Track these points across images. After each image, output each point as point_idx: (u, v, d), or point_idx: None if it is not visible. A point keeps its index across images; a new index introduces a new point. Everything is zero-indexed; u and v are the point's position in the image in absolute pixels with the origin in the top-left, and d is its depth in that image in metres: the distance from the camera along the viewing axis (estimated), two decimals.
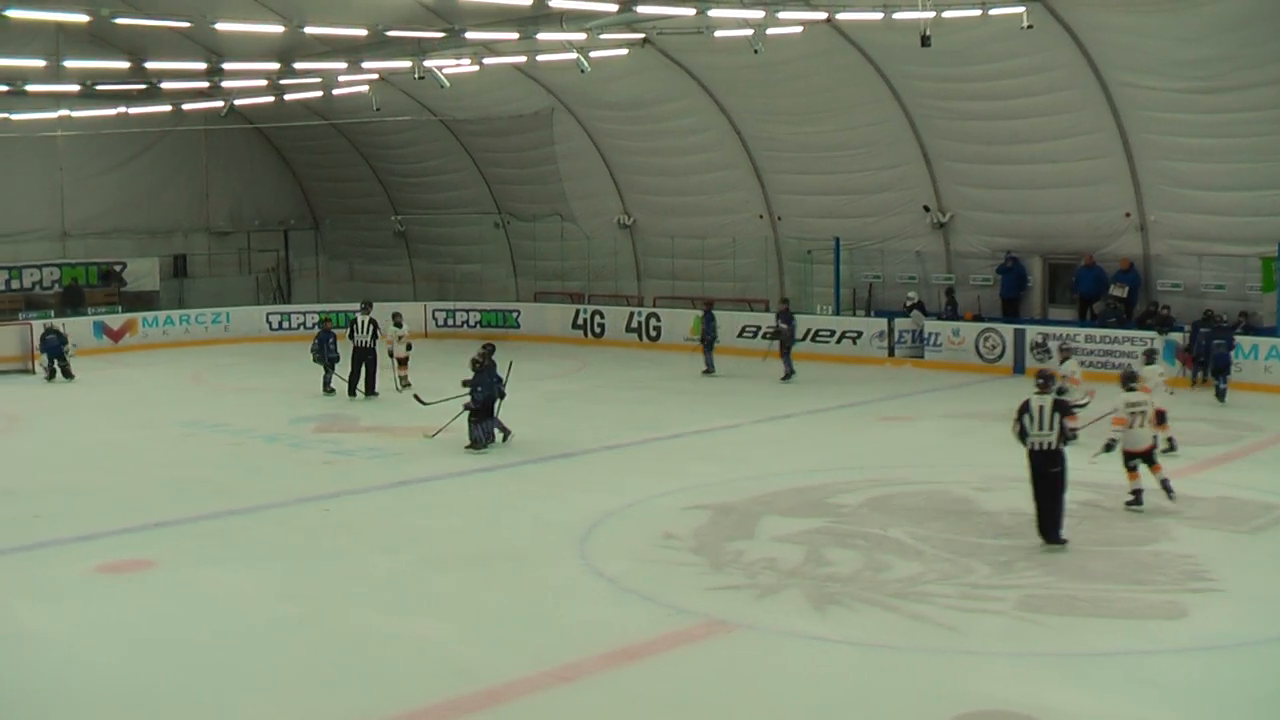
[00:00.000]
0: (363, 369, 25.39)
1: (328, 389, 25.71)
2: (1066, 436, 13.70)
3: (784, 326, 27.28)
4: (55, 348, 28.73)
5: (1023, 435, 13.77)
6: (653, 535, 14.59)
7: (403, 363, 26.09)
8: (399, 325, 26.24)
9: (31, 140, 34.74)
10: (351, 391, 25.39)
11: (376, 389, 25.43)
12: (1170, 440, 18.09)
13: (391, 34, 25.72)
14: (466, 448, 19.62)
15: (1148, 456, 15.46)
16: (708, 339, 28.27)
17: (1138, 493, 15.35)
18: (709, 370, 27.87)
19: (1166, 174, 26.17)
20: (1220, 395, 23.51)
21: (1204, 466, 18.05)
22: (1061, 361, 20.24)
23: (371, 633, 11.53)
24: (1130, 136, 26.07)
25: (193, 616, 12.08)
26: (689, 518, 15.30)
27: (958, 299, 29.75)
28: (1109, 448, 15.47)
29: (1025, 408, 13.77)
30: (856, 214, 30.97)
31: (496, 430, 20.15)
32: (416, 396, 22.54)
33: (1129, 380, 15.83)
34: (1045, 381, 14.05)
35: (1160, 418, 16.41)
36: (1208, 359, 24.30)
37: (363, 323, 25.49)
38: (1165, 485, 15.41)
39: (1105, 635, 11.13)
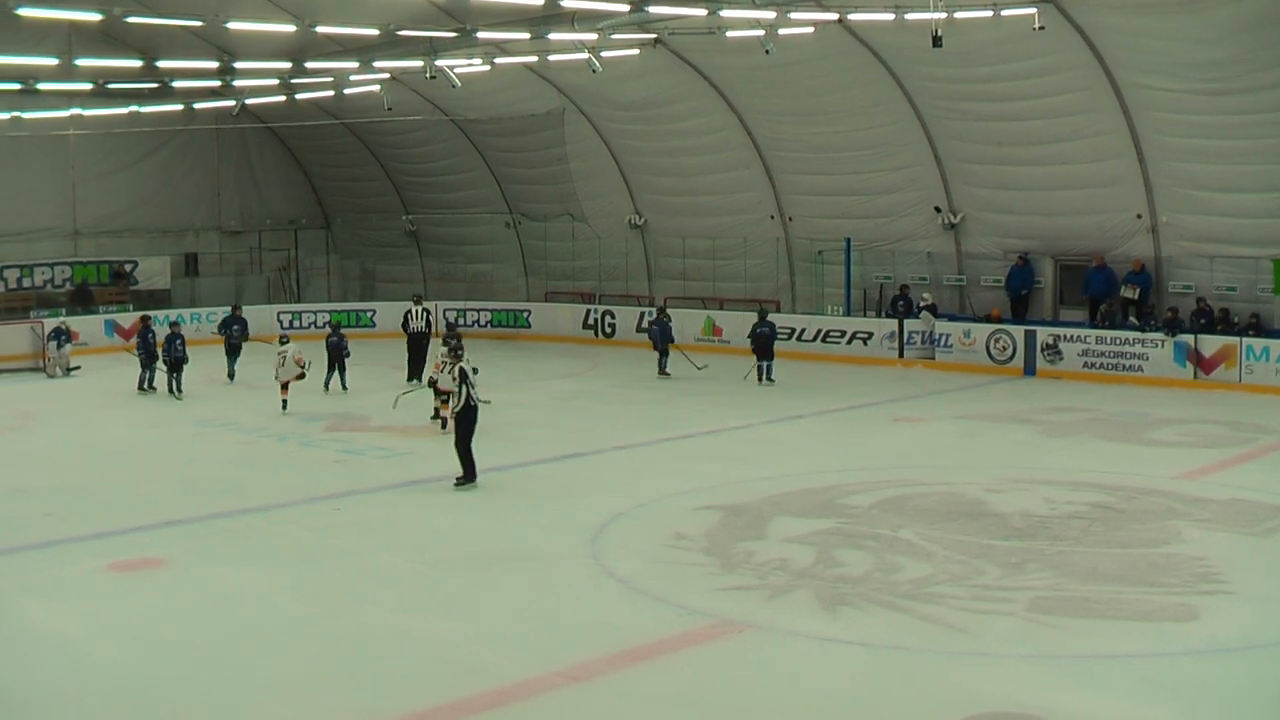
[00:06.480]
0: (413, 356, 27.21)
1: (144, 387, 26.74)
2: None
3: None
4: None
5: None
6: (664, 535, 14.59)
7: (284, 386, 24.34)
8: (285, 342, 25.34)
9: (43, 139, 34.81)
10: (411, 378, 26.74)
11: (422, 377, 25.72)
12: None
13: (403, 33, 25.76)
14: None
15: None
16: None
17: (445, 420, 20.43)
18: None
19: (1178, 176, 26.11)
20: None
21: (1216, 468, 18.02)
22: None
23: (382, 632, 11.54)
24: (1142, 138, 26.02)
25: (204, 615, 12.10)
26: (700, 518, 15.30)
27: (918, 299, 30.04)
28: (432, 383, 21.16)
29: None
30: (868, 215, 30.94)
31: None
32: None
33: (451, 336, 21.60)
34: None
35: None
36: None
37: (416, 312, 27.91)
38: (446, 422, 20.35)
39: (1116, 637, 11.10)
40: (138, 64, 29.30)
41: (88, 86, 30.95)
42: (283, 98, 33.40)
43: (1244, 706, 9.90)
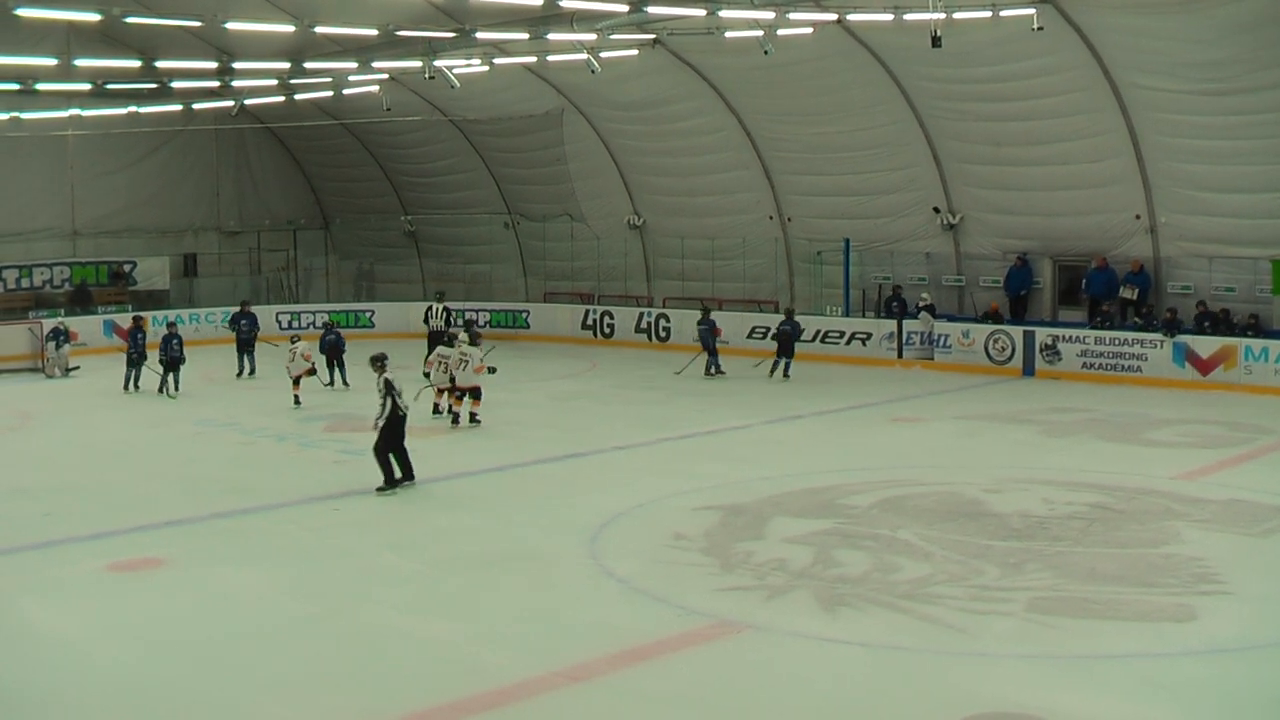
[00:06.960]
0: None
1: (128, 387, 26.88)
2: None
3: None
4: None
5: None
6: (663, 536, 14.59)
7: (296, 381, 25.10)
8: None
9: (42, 139, 34.79)
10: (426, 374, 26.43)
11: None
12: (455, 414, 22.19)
13: (402, 34, 25.72)
14: None
15: (475, 393, 21.84)
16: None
17: (456, 415, 21.95)
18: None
19: (1177, 176, 26.13)
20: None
21: (1215, 469, 18.03)
22: None
23: (382, 632, 11.56)
24: (1141, 138, 26.03)
25: (203, 615, 12.11)
26: (699, 518, 15.31)
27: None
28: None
29: None
30: (867, 215, 30.95)
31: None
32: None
33: (471, 329, 23.86)
34: None
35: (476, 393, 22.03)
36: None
37: (437, 310, 29.19)
38: (460, 416, 21.93)
39: (1115, 637, 11.11)
40: (137, 64, 29.24)
41: (87, 87, 30.89)
42: (281, 98, 33.37)
43: (1243, 707, 9.91)
